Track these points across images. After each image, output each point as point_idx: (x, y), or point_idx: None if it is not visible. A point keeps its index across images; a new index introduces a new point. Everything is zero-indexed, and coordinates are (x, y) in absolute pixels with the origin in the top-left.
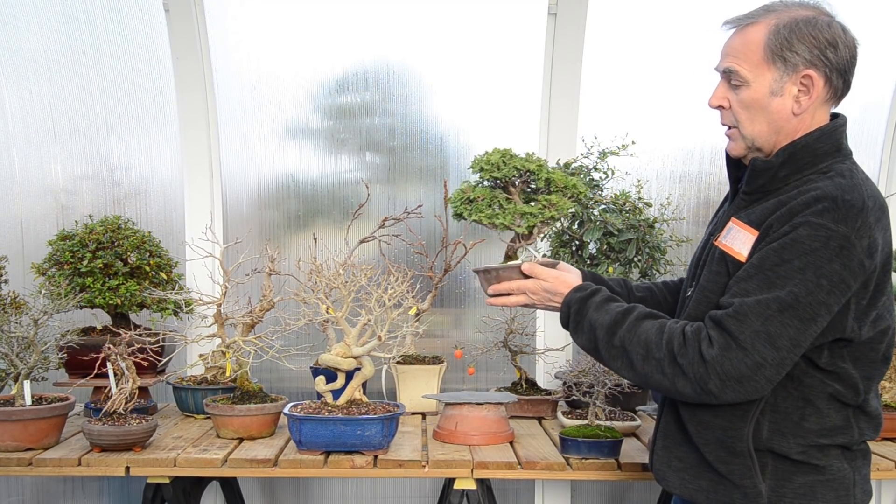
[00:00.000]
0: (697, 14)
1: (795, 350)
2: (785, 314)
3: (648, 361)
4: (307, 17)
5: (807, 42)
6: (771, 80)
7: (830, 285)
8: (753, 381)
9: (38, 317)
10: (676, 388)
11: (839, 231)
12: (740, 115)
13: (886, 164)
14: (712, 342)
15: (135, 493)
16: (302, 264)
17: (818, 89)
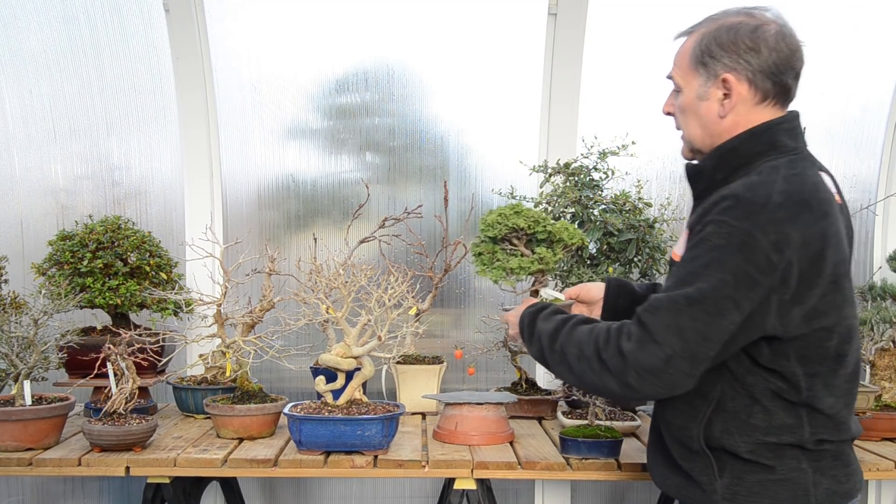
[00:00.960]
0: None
1: (707, 343)
2: (693, 308)
3: (581, 361)
4: (307, 17)
5: (725, 48)
6: (697, 86)
7: (735, 280)
8: (668, 373)
9: (38, 317)
10: (604, 385)
11: (740, 227)
12: (680, 119)
13: (886, 164)
14: (630, 337)
15: (135, 493)
16: (302, 264)
17: (740, 92)
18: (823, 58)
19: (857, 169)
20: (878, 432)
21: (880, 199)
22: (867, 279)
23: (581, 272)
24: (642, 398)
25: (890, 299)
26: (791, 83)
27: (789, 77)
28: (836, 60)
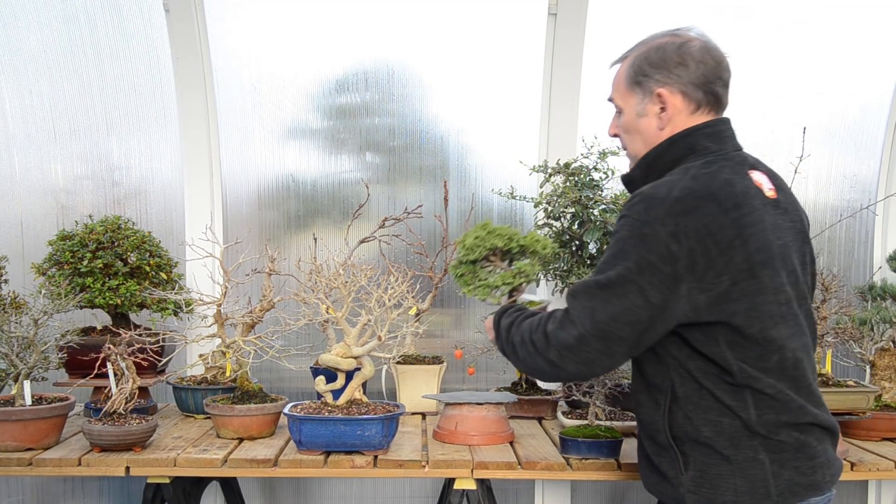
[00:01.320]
0: (697, 15)
1: (615, 324)
2: (602, 292)
3: (523, 346)
4: (307, 17)
5: (656, 66)
6: (635, 104)
7: (637, 267)
8: (583, 350)
9: (38, 317)
10: (536, 364)
11: (640, 220)
12: (624, 138)
13: (886, 164)
14: (554, 320)
15: (135, 493)
16: (302, 264)
17: (675, 104)
18: (823, 58)
19: (857, 169)
20: (878, 432)
21: (880, 199)
22: (867, 279)
23: (581, 272)
24: (568, 376)
25: (890, 299)
26: (720, 91)
27: (718, 86)
28: (836, 60)
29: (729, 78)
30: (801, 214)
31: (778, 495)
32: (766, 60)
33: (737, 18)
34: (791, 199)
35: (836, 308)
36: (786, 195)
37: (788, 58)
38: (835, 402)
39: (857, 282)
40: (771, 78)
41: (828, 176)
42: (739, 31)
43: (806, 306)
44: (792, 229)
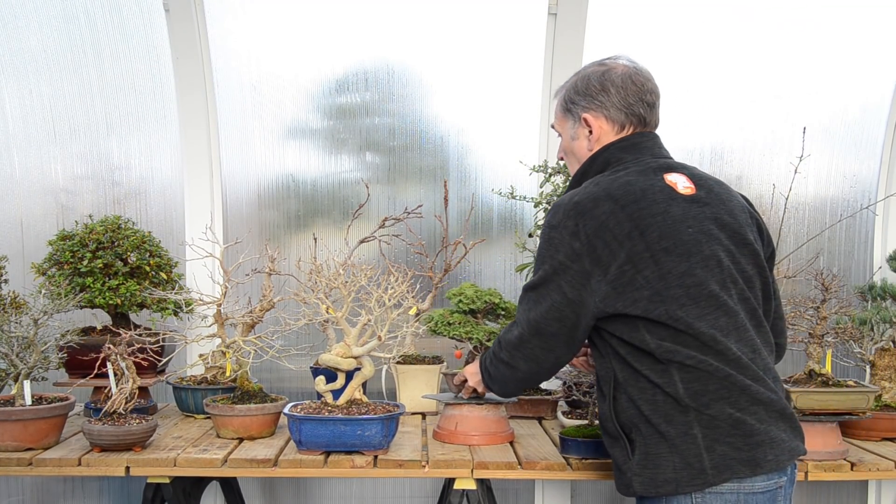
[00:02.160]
0: (697, 14)
1: (546, 321)
2: (532, 293)
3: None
4: (307, 16)
5: (581, 94)
6: (568, 129)
7: (552, 269)
8: (526, 347)
9: (38, 317)
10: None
11: (549, 225)
12: (566, 160)
13: (886, 164)
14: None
15: (135, 493)
16: (302, 264)
17: (600, 127)
18: (823, 58)
19: (857, 169)
20: (878, 432)
21: (880, 199)
22: (867, 279)
23: None
24: (525, 376)
25: (890, 299)
26: (643, 112)
27: (639, 108)
28: (836, 60)
29: (653, 99)
30: (730, 206)
31: (712, 468)
32: (766, 60)
33: (737, 18)
34: (717, 195)
35: (836, 308)
36: (709, 192)
37: (788, 58)
38: (835, 402)
39: (857, 282)
40: (771, 78)
41: (828, 176)
42: (739, 31)
43: (739, 287)
44: (713, 220)
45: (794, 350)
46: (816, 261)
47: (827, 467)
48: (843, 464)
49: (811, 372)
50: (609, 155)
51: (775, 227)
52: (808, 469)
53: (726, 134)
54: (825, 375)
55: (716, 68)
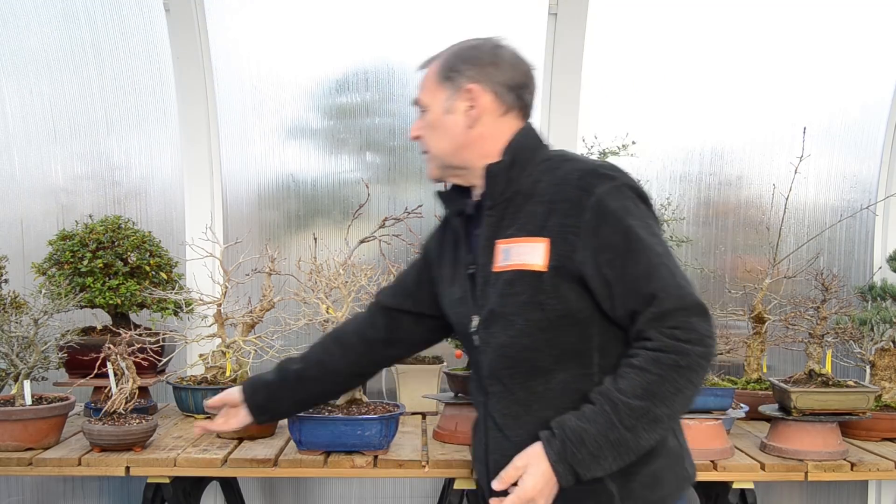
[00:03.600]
0: (698, 14)
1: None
2: (670, 259)
3: (666, 400)
4: (308, 16)
5: (469, 62)
6: (443, 100)
7: (654, 218)
8: (711, 317)
9: (38, 316)
10: (697, 385)
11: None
12: (427, 136)
13: (886, 164)
14: (679, 327)
15: (135, 493)
16: (302, 264)
17: (485, 102)
18: (823, 58)
19: (857, 169)
20: (878, 432)
21: (880, 199)
22: (867, 279)
23: None
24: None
25: (890, 299)
26: (529, 100)
27: (527, 94)
28: (836, 60)
29: (535, 89)
30: None
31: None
32: (766, 60)
33: (737, 18)
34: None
35: (836, 308)
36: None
37: (788, 58)
38: (835, 402)
39: (857, 282)
40: (771, 78)
41: (828, 176)
42: (739, 31)
43: None
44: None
45: (794, 350)
46: (816, 261)
47: (827, 467)
48: (843, 464)
49: (811, 372)
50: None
51: (776, 227)
52: (808, 469)
53: (726, 134)
54: (825, 375)
55: (716, 68)
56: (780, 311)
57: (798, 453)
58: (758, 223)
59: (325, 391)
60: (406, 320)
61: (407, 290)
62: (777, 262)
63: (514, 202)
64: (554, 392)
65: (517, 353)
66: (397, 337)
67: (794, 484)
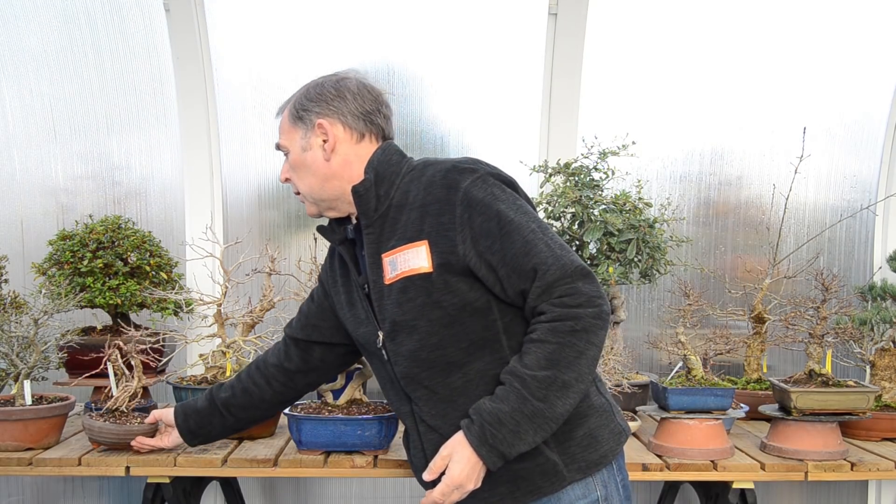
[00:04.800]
0: (698, 14)
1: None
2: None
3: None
4: (308, 16)
5: (314, 100)
6: (299, 140)
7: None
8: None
9: (38, 316)
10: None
11: (483, 171)
12: (294, 177)
13: (886, 164)
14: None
15: (135, 493)
16: (302, 264)
17: (336, 132)
18: (823, 58)
19: (857, 169)
20: (878, 432)
21: (880, 199)
22: (867, 279)
23: None
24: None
25: (890, 299)
26: (382, 123)
27: (378, 118)
28: (836, 61)
29: (389, 113)
30: None
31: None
32: (767, 60)
33: (737, 18)
34: None
35: (836, 308)
36: None
37: (788, 58)
38: (835, 402)
39: (857, 282)
40: (771, 78)
41: (828, 176)
42: (739, 31)
43: None
44: None
45: (794, 350)
46: (816, 261)
47: (827, 467)
48: (843, 464)
49: (811, 372)
50: (397, 148)
51: (776, 227)
52: (808, 469)
53: (726, 134)
54: (825, 375)
55: (716, 68)
56: (780, 311)
57: (798, 453)
58: (758, 223)
59: (253, 417)
60: (317, 350)
61: (311, 322)
62: (777, 262)
63: (388, 216)
64: (474, 382)
65: (429, 355)
66: (312, 366)
67: (794, 484)
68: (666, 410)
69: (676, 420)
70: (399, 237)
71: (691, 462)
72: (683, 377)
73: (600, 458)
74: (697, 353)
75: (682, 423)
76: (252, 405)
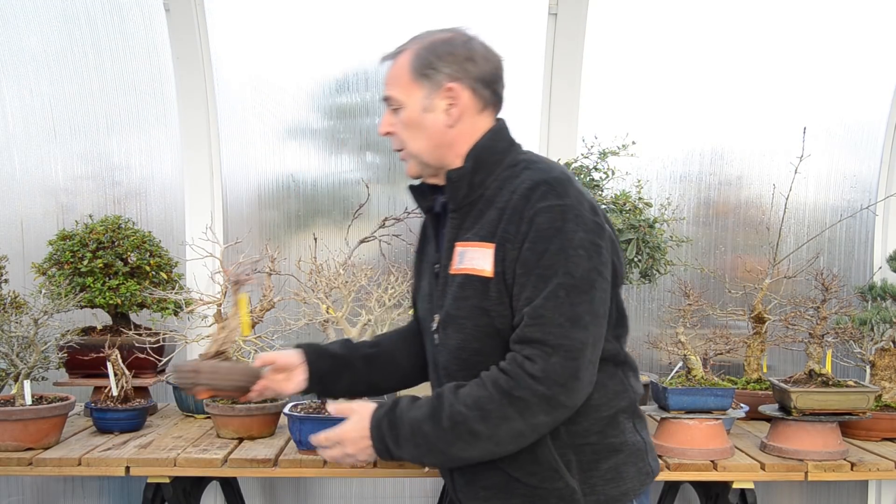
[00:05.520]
0: (698, 14)
1: (598, 321)
2: (572, 295)
3: (488, 418)
4: (308, 17)
5: (445, 59)
6: (421, 98)
7: (587, 252)
8: (584, 368)
9: (38, 316)
10: (529, 424)
11: (567, 203)
12: (404, 135)
13: (887, 164)
14: (532, 359)
15: (135, 493)
16: (302, 264)
17: (465, 100)
18: (823, 58)
19: (857, 169)
20: (878, 432)
21: (880, 199)
22: (867, 279)
23: None
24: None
25: (890, 299)
26: (502, 94)
27: (500, 87)
28: (836, 61)
29: (505, 84)
30: None
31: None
32: (767, 61)
33: (737, 18)
34: None
35: (836, 308)
36: None
37: (788, 58)
38: (835, 402)
39: (857, 282)
40: (771, 78)
41: (828, 176)
42: (740, 31)
43: None
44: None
45: (794, 350)
46: (816, 261)
47: (827, 467)
48: (843, 464)
49: (811, 372)
50: (508, 134)
51: (776, 227)
52: (808, 469)
53: (726, 134)
54: (825, 375)
55: (716, 68)
56: (780, 311)
57: (798, 453)
58: (758, 223)
59: (380, 383)
60: None
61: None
62: (777, 262)
63: (476, 207)
64: None
65: (469, 357)
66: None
67: (794, 484)
68: (666, 410)
69: (676, 420)
70: (475, 232)
71: (691, 462)
72: (683, 377)
73: (621, 494)
74: (697, 353)
75: (682, 423)
76: (390, 368)
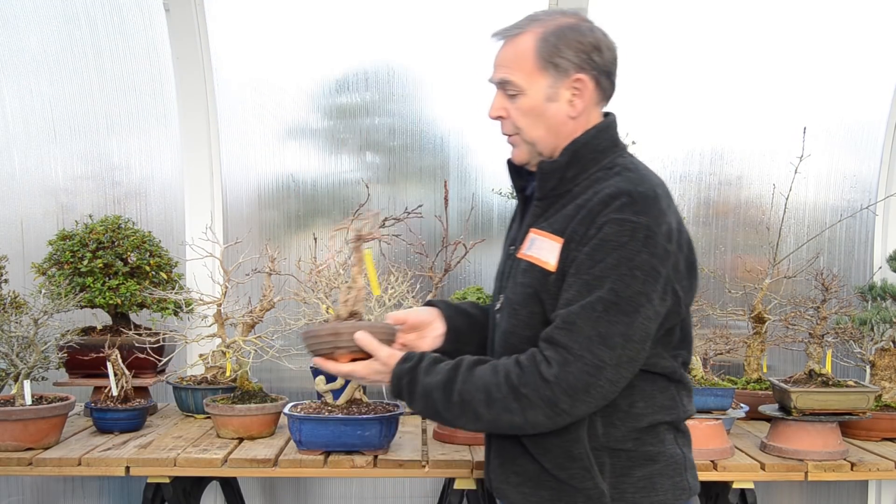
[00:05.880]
0: (698, 15)
1: (629, 345)
2: (610, 312)
3: (492, 405)
4: (308, 17)
5: (574, 47)
6: (545, 87)
7: (644, 275)
8: (598, 386)
9: (38, 316)
10: (528, 421)
11: (641, 222)
12: (520, 122)
13: (886, 164)
14: (549, 361)
15: (135, 493)
16: (302, 264)
17: (589, 92)
18: (823, 58)
19: (857, 169)
20: (878, 432)
21: (880, 199)
22: (867, 279)
23: None
24: (572, 420)
25: (890, 299)
26: (616, 82)
27: (615, 76)
28: (836, 60)
29: None
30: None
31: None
32: (767, 61)
33: (737, 18)
34: None
35: (836, 308)
36: None
37: (788, 58)
38: (835, 402)
39: (857, 282)
40: (771, 78)
41: (828, 176)
42: (740, 32)
43: None
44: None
45: (794, 350)
46: (816, 261)
47: (827, 467)
48: (843, 464)
49: (811, 372)
50: (613, 133)
51: (776, 227)
52: (808, 469)
53: (726, 134)
54: (825, 375)
55: (716, 69)
56: (780, 311)
57: (798, 453)
58: (758, 223)
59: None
60: None
61: None
62: (777, 262)
63: (561, 200)
64: None
65: (517, 344)
66: None
67: (794, 484)
68: None
69: None
70: (551, 223)
71: None
72: None
73: None
74: (697, 353)
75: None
76: None
